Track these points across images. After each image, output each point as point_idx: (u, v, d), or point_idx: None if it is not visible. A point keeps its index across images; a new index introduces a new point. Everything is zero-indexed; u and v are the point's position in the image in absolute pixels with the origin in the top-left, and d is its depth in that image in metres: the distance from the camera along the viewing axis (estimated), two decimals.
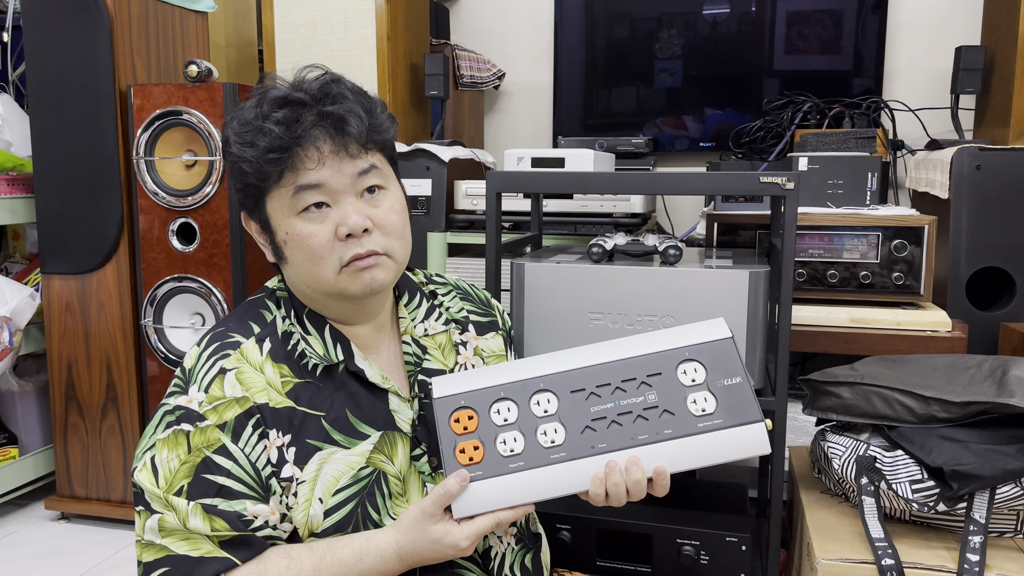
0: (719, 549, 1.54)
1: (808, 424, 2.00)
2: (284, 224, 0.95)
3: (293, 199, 0.94)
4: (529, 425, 0.92)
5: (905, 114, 2.47)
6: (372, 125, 0.96)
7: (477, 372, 0.98)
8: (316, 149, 0.93)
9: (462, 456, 0.91)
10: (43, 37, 2.16)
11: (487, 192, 1.55)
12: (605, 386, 0.94)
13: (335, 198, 0.94)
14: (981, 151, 1.89)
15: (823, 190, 1.97)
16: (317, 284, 0.97)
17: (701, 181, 1.50)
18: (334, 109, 0.93)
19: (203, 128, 2.07)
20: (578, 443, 0.91)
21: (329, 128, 0.93)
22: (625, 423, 0.92)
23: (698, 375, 0.94)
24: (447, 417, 0.93)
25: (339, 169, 0.94)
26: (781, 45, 2.58)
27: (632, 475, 0.90)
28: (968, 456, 1.30)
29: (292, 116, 0.93)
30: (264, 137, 0.92)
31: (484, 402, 0.94)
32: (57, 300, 2.25)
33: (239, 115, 0.96)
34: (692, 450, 0.90)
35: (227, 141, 0.96)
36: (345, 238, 0.94)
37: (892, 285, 1.76)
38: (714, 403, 0.92)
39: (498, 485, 0.90)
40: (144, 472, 0.90)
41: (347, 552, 0.92)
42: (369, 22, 2.32)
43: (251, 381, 0.94)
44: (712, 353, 0.95)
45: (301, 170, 0.93)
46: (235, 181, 0.98)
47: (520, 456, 0.91)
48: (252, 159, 0.93)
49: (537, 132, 2.96)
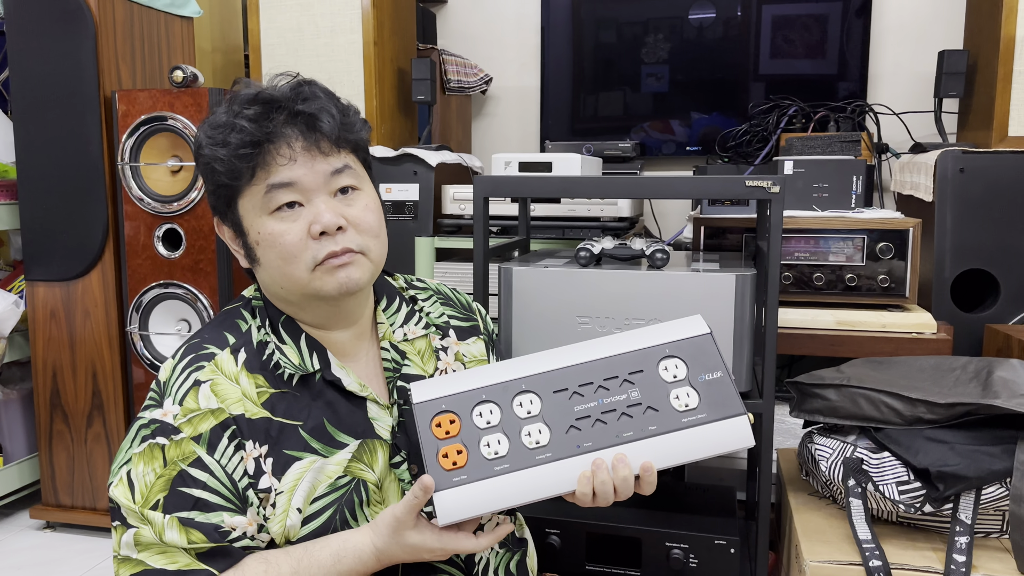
0: (708, 552, 1.54)
1: (795, 426, 2.01)
2: (256, 224, 0.95)
3: (265, 198, 0.93)
4: (513, 427, 0.92)
5: (889, 118, 2.49)
6: (344, 124, 0.96)
7: (457, 376, 0.97)
8: (288, 146, 0.92)
9: (445, 461, 0.90)
10: (27, 42, 2.14)
11: (475, 196, 1.55)
12: (587, 385, 0.94)
13: (308, 196, 0.94)
14: (965, 154, 1.91)
15: (808, 193, 1.98)
16: (291, 284, 0.96)
17: (688, 185, 1.51)
18: (305, 107, 0.93)
19: (188, 133, 2.06)
20: (563, 443, 0.91)
21: (301, 125, 0.93)
22: (610, 421, 0.92)
23: (679, 371, 0.95)
24: (428, 422, 0.92)
25: (311, 167, 0.93)
26: (767, 49, 2.60)
27: (619, 472, 0.89)
28: (954, 457, 1.30)
29: (263, 113, 0.92)
30: (236, 134, 0.92)
31: (466, 405, 0.93)
32: (42, 307, 2.23)
33: (211, 119, 0.96)
34: (678, 445, 0.91)
35: (199, 144, 0.96)
36: (319, 236, 0.93)
37: (878, 287, 1.78)
38: (697, 398, 0.93)
39: (483, 488, 0.89)
40: (120, 487, 0.90)
41: (325, 554, 0.91)
42: (356, 27, 2.32)
43: (226, 392, 0.93)
44: (692, 349, 0.96)
45: (273, 167, 0.92)
46: (208, 183, 0.97)
47: (505, 458, 0.90)
48: (224, 157, 0.92)
49: (524, 136, 2.96)
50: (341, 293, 0.96)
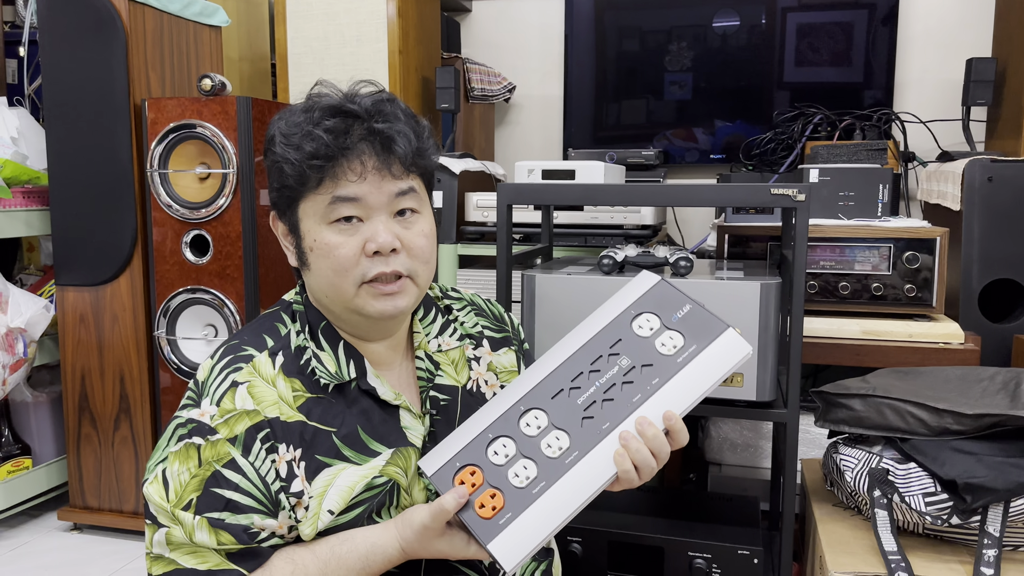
0: (731, 562, 1.53)
1: (820, 437, 1.99)
2: (313, 231, 0.96)
3: (328, 208, 0.94)
4: (531, 447, 0.92)
5: (916, 126, 2.47)
6: (419, 149, 0.97)
7: (456, 433, 0.97)
8: (360, 163, 0.93)
9: (484, 511, 0.89)
10: (59, 51, 2.18)
11: (498, 204, 1.56)
12: (579, 376, 0.95)
13: (369, 213, 0.95)
14: (993, 163, 1.89)
15: (834, 202, 1.97)
16: (336, 296, 0.97)
17: (713, 193, 1.51)
18: (384, 127, 0.94)
19: (216, 141, 2.09)
20: (584, 436, 0.91)
21: (376, 144, 0.94)
22: (615, 396, 0.92)
23: (653, 322, 0.96)
24: (451, 485, 0.92)
25: (379, 187, 0.94)
26: (791, 57, 2.59)
27: (647, 433, 0.89)
28: (982, 469, 1.29)
29: (342, 127, 0.93)
30: (311, 142, 0.92)
31: (478, 452, 0.93)
32: (71, 312, 2.27)
33: (288, 117, 0.97)
34: (686, 384, 0.92)
35: (272, 140, 0.97)
36: (372, 255, 0.94)
37: (904, 297, 1.76)
38: (680, 337, 0.94)
39: (532, 516, 0.88)
40: (154, 485, 0.91)
41: (353, 558, 0.92)
42: (381, 36, 2.34)
43: (262, 395, 0.94)
44: (654, 299, 0.98)
45: (341, 181, 0.93)
46: (273, 180, 0.98)
47: (538, 478, 0.90)
48: (295, 161, 0.93)
49: (547, 144, 2.97)
50: (383, 318, 0.98)
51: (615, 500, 1.77)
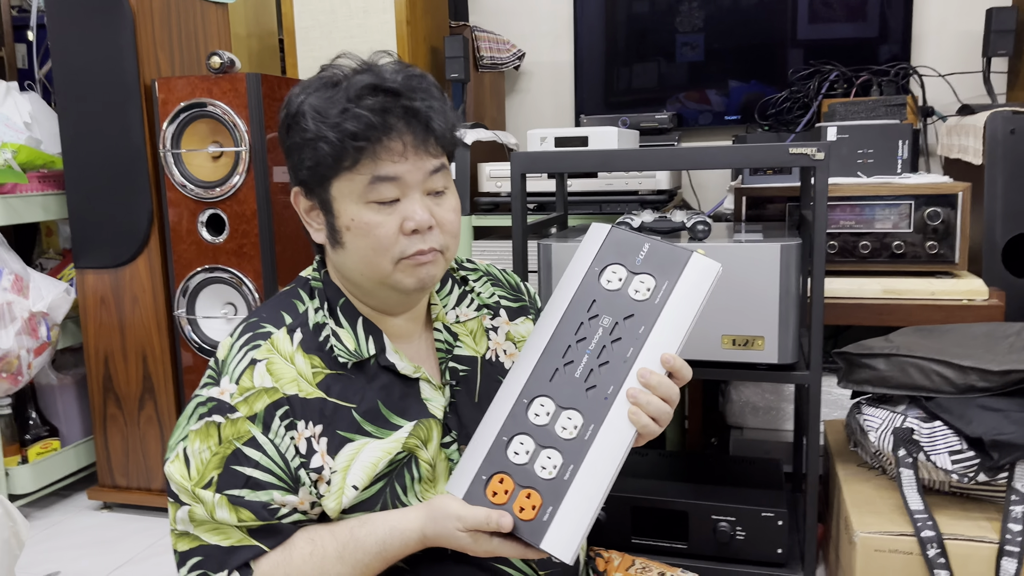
0: (755, 524, 1.54)
1: (843, 397, 1.98)
2: (350, 210, 0.95)
3: (367, 188, 0.93)
4: (547, 436, 0.92)
5: (935, 79, 2.42)
6: (452, 125, 0.98)
7: (469, 448, 0.96)
8: (401, 143, 0.93)
9: (524, 513, 0.89)
10: (67, 35, 2.18)
11: (512, 173, 1.55)
12: (567, 351, 0.95)
13: (406, 192, 0.95)
14: (1015, 115, 1.85)
15: (853, 160, 1.94)
16: (372, 272, 0.97)
17: (729, 154, 1.49)
18: (422, 106, 0.93)
19: (228, 119, 2.08)
20: (593, 407, 0.92)
21: (414, 123, 0.93)
22: (610, 357, 0.93)
23: (619, 272, 0.96)
24: (485, 499, 0.91)
25: (417, 165, 0.94)
26: (805, 14, 2.54)
27: (652, 382, 0.90)
28: (1009, 425, 1.28)
29: (382, 105, 0.92)
30: (354, 121, 0.91)
31: (499, 459, 0.93)
32: (92, 294, 2.28)
33: (316, 92, 0.95)
34: (671, 322, 0.92)
35: (301, 115, 0.94)
36: (410, 233, 0.95)
37: (926, 254, 1.74)
38: (650, 278, 0.95)
39: (572, 502, 0.88)
40: (176, 463, 0.92)
41: (371, 542, 0.92)
42: (388, 7, 2.31)
43: (281, 372, 0.95)
44: (611, 250, 0.97)
45: (383, 160, 0.93)
46: (304, 157, 0.96)
47: (565, 464, 0.90)
48: (336, 140, 0.92)
49: (559, 111, 2.94)
50: (418, 289, 0.98)
51: (638, 466, 1.77)
